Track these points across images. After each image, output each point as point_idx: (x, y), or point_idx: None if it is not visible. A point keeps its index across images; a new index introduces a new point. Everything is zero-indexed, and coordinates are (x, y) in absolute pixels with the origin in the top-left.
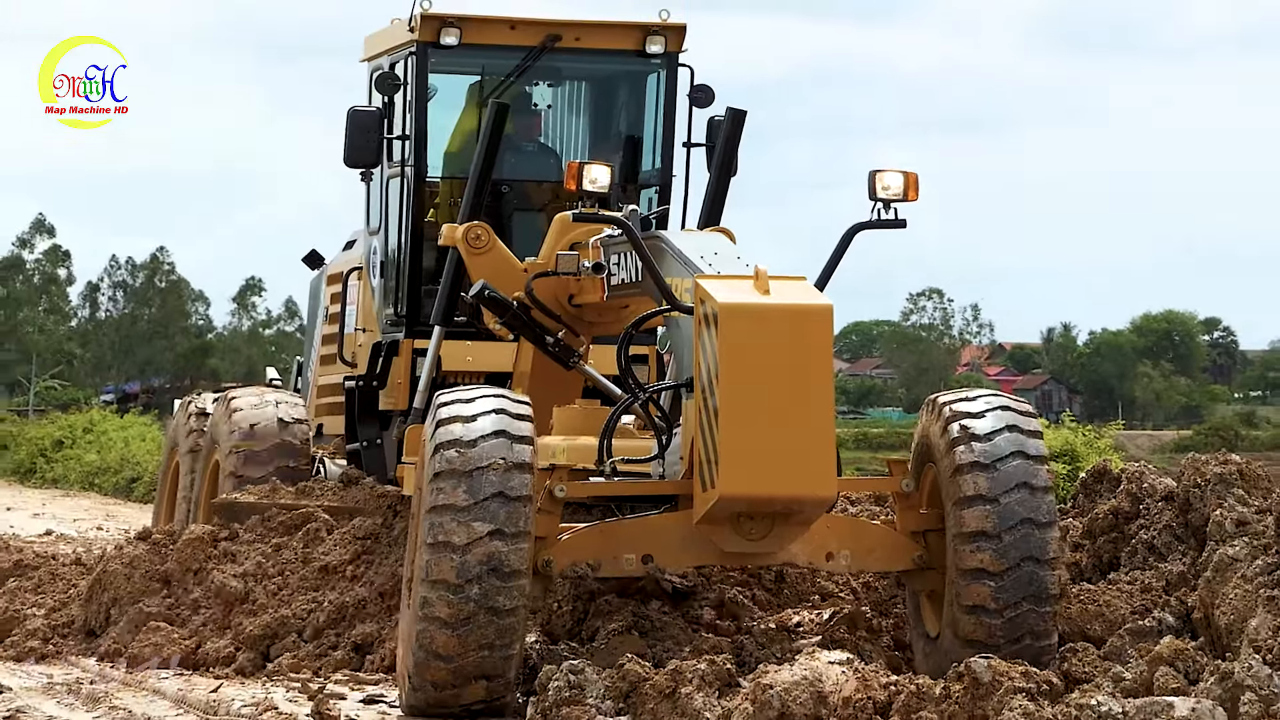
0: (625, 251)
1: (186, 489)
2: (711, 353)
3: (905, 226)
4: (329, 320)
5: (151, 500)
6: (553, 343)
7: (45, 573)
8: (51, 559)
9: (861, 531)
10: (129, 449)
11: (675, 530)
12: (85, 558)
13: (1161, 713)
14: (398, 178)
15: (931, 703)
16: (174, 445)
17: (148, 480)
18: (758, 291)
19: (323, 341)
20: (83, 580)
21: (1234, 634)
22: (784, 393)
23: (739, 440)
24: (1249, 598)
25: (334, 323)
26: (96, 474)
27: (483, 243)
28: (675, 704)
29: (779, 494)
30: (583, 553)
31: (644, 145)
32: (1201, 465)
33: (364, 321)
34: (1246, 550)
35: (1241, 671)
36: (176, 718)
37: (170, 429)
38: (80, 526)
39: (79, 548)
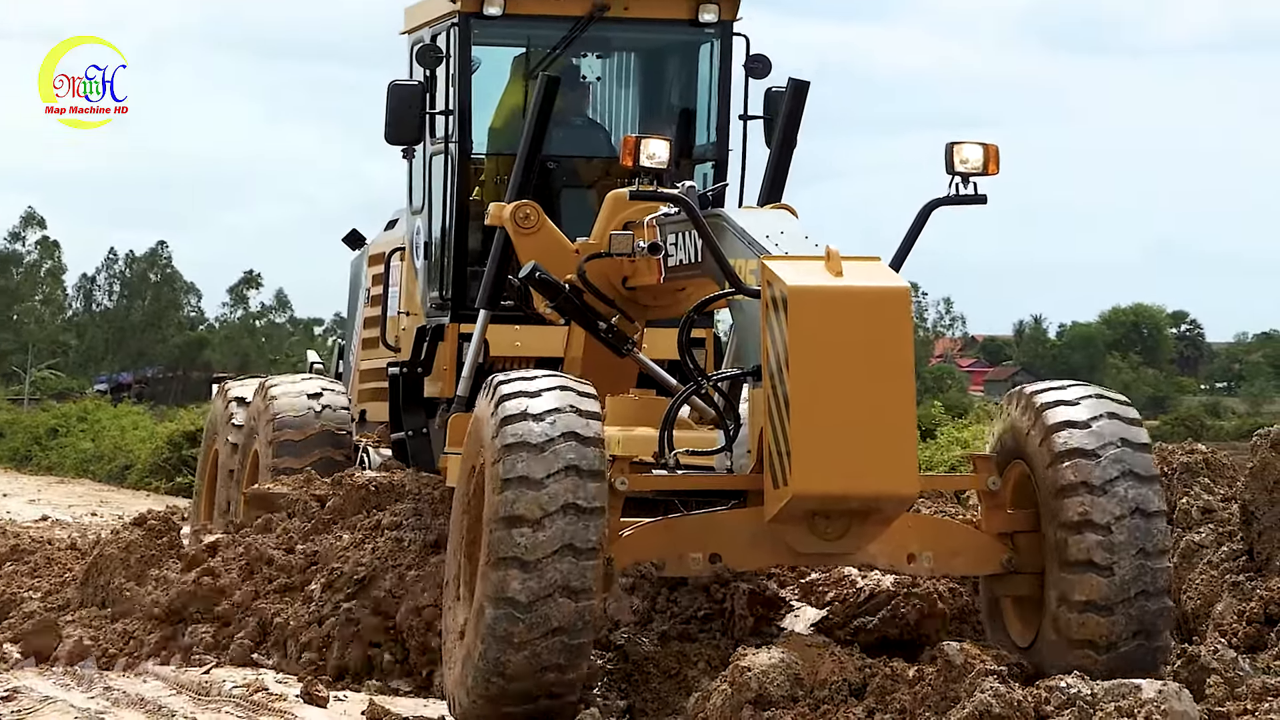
0: (683, 231)
1: (226, 479)
2: (781, 339)
3: (985, 202)
4: (371, 303)
5: (145, 487)
6: (606, 329)
7: (41, 557)
8: (47, 544)
9: (945, 532)
10: (122, 437)
11: (744, 528)
12: (80, 542)
13: (1129, 694)
14: (441, 155)
15: (905, 684)
16: (213, 434)
17: (140, 468)
18: (829, 273)
19: (364, 324)
20: (78, 564)
21: (1200, 618)
22: (861, 382)
23: (813, 434)
24: (1214, 583)
25: (376, 305)
26: (91, 461)
27: (532, 222)
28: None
29: (857, 492)
30: (646, 551)
31: (697, 119)
32: (1168, 454)
33: (407, 304)
34: (1212, 537)
35: (1207, 655)
36: (169, 698)
37: (208, 417)
38: (75, 512)
39: (74, 533)
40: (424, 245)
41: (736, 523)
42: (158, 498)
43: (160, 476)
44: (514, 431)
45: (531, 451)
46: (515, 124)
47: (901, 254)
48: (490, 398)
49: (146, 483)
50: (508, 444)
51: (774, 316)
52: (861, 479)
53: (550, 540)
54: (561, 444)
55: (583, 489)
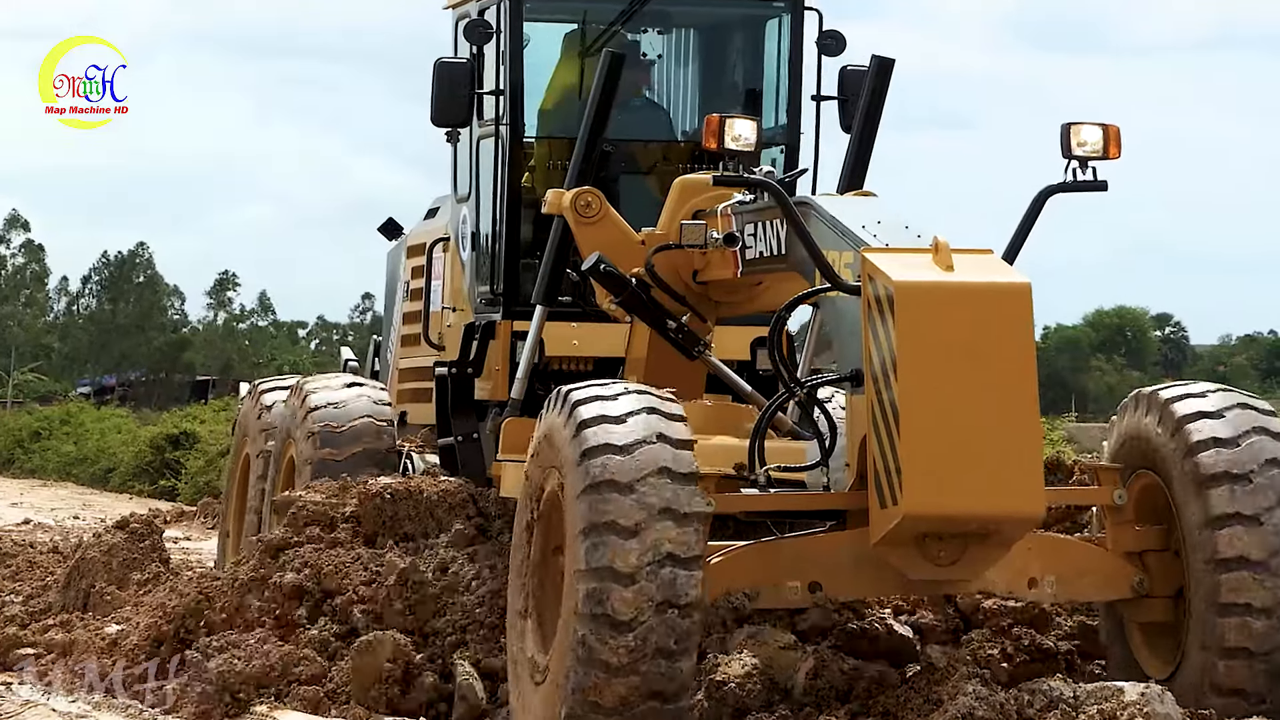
0: (763, 220)
1: (258, 484)
2: (886, 341)
3: (1105, 188)
4: (410, 297)
5: (128, 490)
6: (675, 328)
7: (23, 560)
8: (29, 547)
9: (1068, 553)
10: (105, 440)
11: (847, 553)
12: (62, 545)
13: (1111, 697)
14: (490, 138)
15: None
16: (243, 436)
17: (123, 471)
18: (939, 267)
19: (404, 320)
20: (60, 568)
21: None
22: (978, 389)
23: (926, 447)
24: None
25: (416, 300)
26: (73, 464)
27: (593, 210)
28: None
29: (977, 512)
30: (739, 579)
31: (765, 100)
32: None
33: (453, 299)
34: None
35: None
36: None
37: (238, 419)
38: (57, 515)
39: (56, 536)
40: (471, 236)
41: (838, 547)
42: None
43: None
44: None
45: (620, 454)
46: (568, 105)
47: (1015, 246)
48: (561, 407)
49: (129, 486)
50: (589, 448)
51: (877, 315)
52: (982, 498)
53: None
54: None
55: (680, 494)
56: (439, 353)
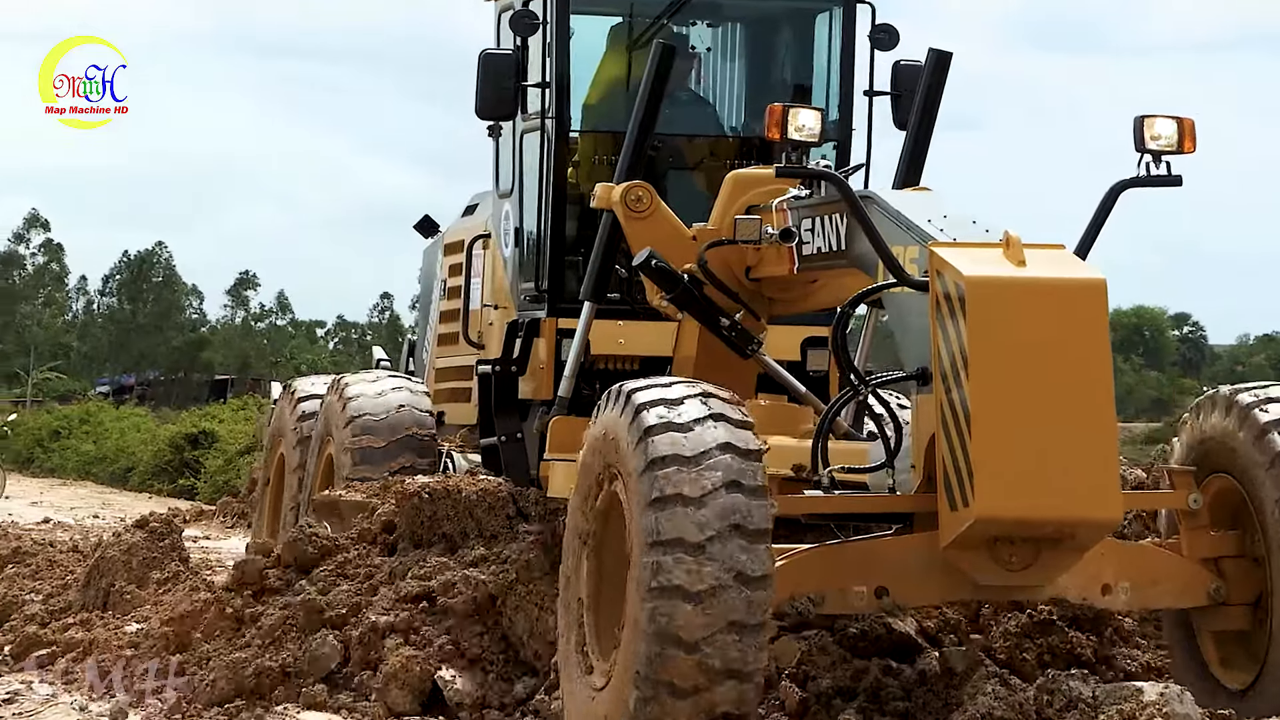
0: (821, 215)
1: (295, 486)
2: (956, 338)
3: (1180, 183)
4: (448, 295)
5: (147, 489)
6: (729, 325)
7: (43, 559)
8: (49, 546)
9: (1142, 559)
10: (124, 439)
11: (915, 557)
12: (82, 545)
13: (1130, 697)
14: (535, 132)
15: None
16: (278, 437)
17: (142, 470)
18: (1010, 263)
19: (441, 319)
20: (79, 567)
21: None
22: (1053, 388)
23: (999, 448)
24: None
25: (454, 298)
26: (92, 463)
27: (644, 205)
28: None
29: (1053, 516)
30: (803, 583)
31: (815, 94)
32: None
33: (494, 297)
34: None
35: None
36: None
37: (272, 418)
38: (77, 514)
39: (76, 535)
40: (515, 232)
41: (905, 551)
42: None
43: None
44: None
45: (686, 465)
46: (613, 99)
47: (1087, 241)
48: (622, 406)
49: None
50: (656, 458)
51: (946, 312)
52: (1058, 501)
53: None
54: (719, 456)
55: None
56: (479, 351)
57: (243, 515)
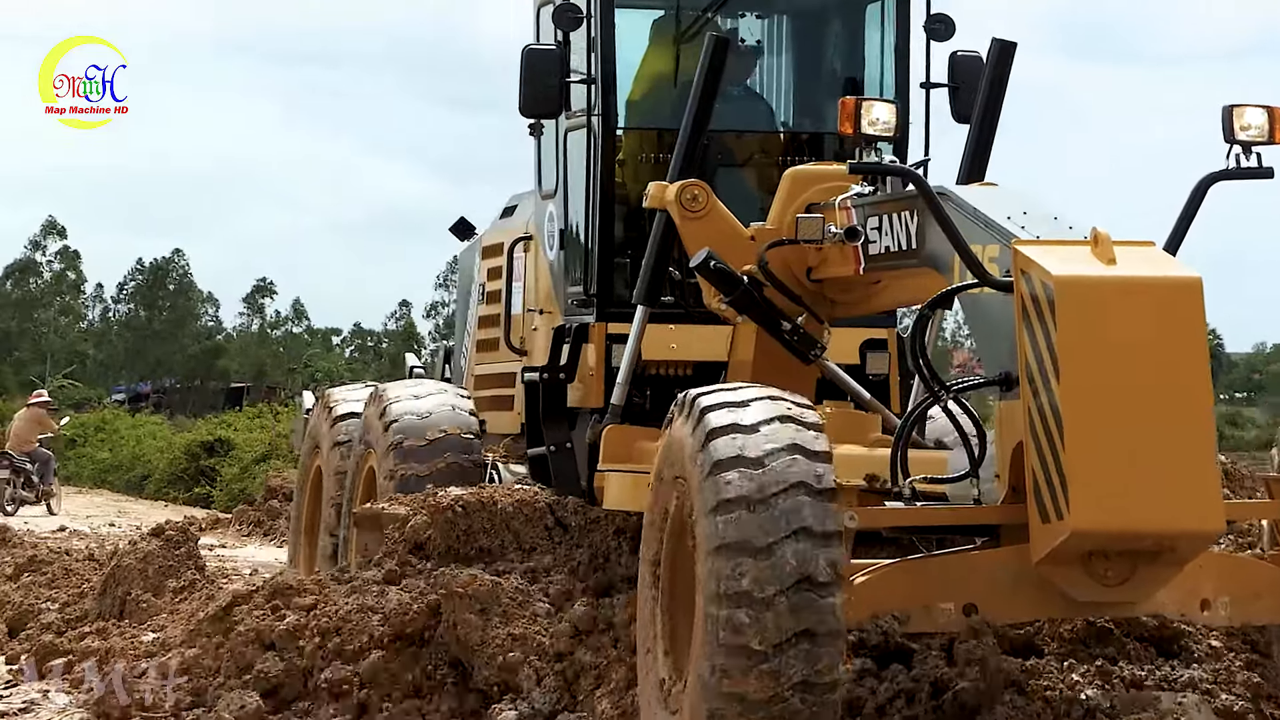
0: (889, 212)
1: (334, 497)
2: (1045, 341)
3: (1272, 175)
4: (487, 300)
5: (163, 497)
6: (791, 329)
7: (59, 568)
8: (65, 554)
9: (1242, 572)
10: (140, 447)
11: (1004, 572)
12: (98, 553)
13: (1149, 706)
14: (580, 130)
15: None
16: (314, 449)
17: (158, 478)
18: (1100, 261)
19: (480, 324)
20: (95, 575)
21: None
22: (1149, 392)
23: (1095, 457)
24: None
25: (494, 303)
26: (108, 471)
27: (700, 204)
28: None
29: (1152, 528)
30: (887, 601)
31: (867, 87)
32: None
33: (538, 301)
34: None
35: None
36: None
37: (307, 428)
38: (93, 522)
39: (92, 543)
40: (559, 234)
41: (994, 565)
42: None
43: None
44: (725, 446)
45: (750, 467)
46: (658, 95)
47: (1177, 238)
48: (688, 414)
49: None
50: (719, 460)
51: (1034, 314)
52: (1157, 512)
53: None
54: (786, 458)
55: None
56: (521, 358)
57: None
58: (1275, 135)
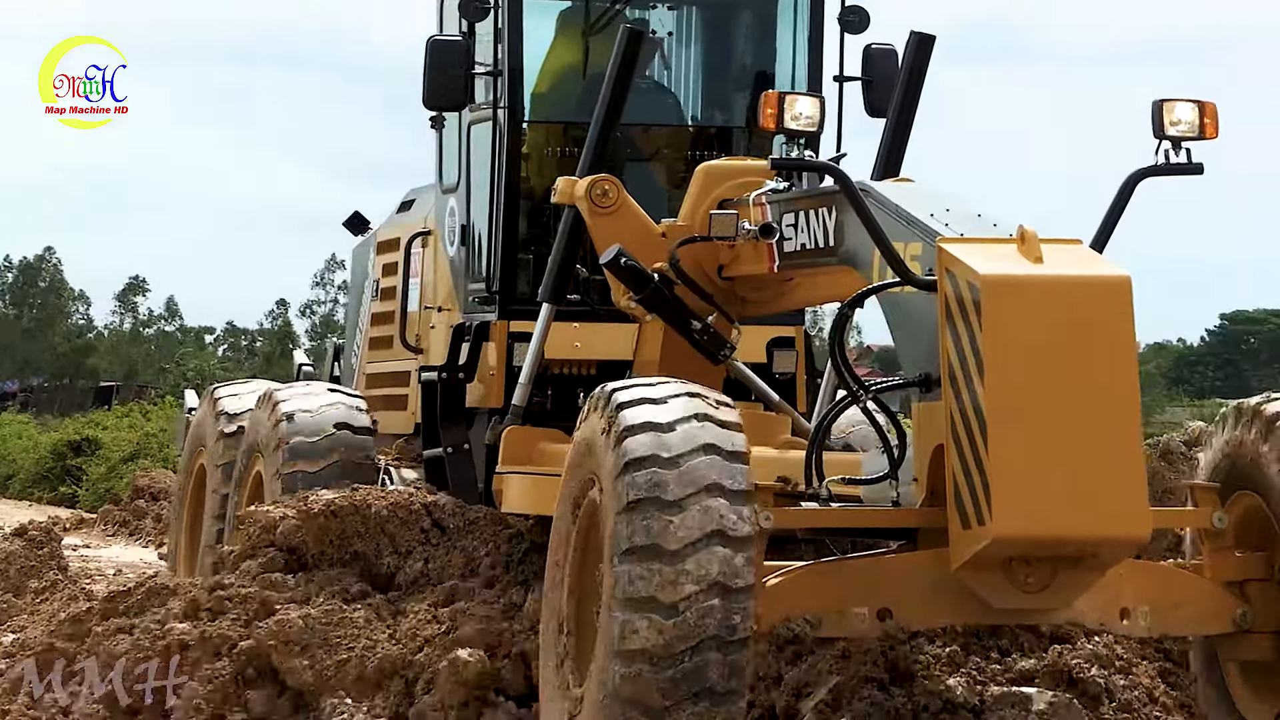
0: (805, 209)
1: (217, 501)
2: (969, 342)
3: (1201, 172)
4: (381, 296)
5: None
6: (701, 328)
7: None
8: None
9: (1164, 581)
10: (6, 446)
11: (921, 577)
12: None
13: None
14: (484, 123)
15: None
16: (198, 447)
17: (23, 477)
18: (1027, 259)
19: (373, 322)
20: None
21: None
22: (1076, 394)
23: (1018, 461)
24: None
25: (388, 299)
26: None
27: (611, 200)
28: None
29: (1078, 534)
30: (799, 604)
31: (778, 81)
32: None
33: (436, 298)
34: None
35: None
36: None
37: (190, 427)
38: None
39: None
40: (461, 229)
41: (911, 570)
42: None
43: (43, 486)
44: (639, 445)
45: (664, 467)
46: (565, 88)
47: (1104, 235)
48: (603, 409)
49: (29, 493)
50: (632, 459)
51: (958, 313)
52: (1083, 518)
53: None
54: (702, 458)
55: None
56: (416, 356)
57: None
58: (1206, 131)
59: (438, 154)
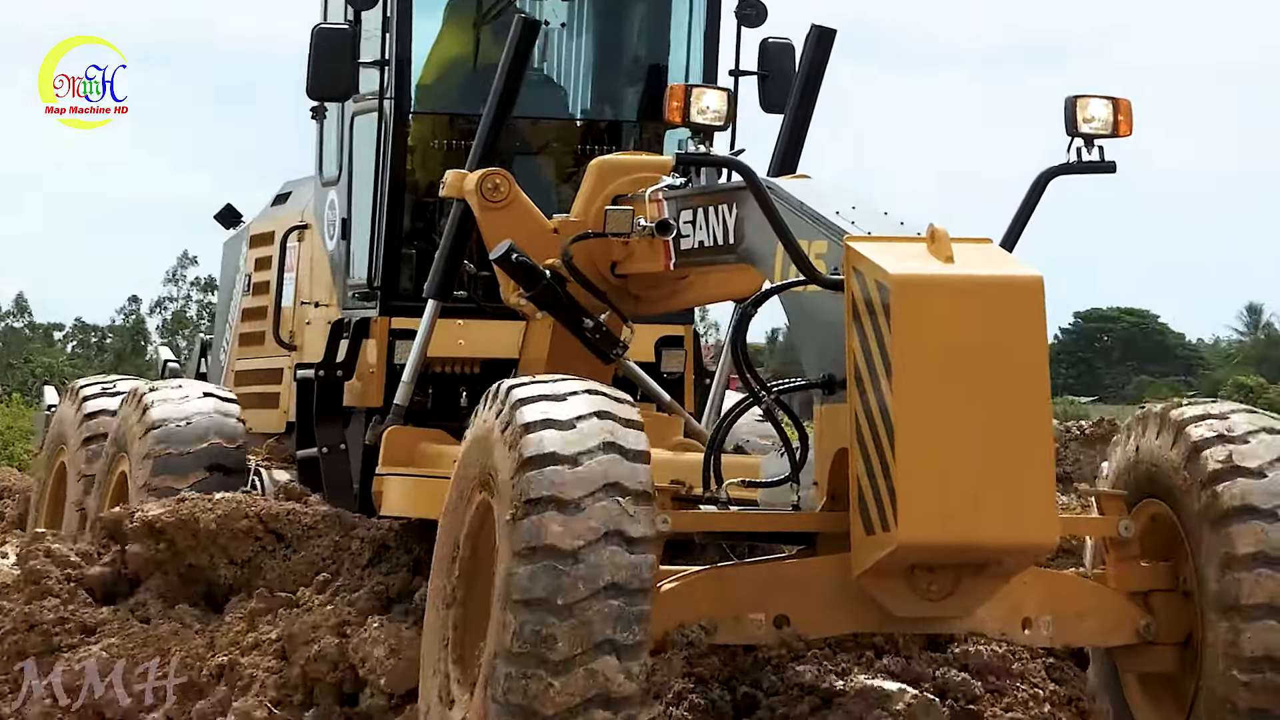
0: (703, 206)
1: (78, 502)
2: (876, 343)
3: (1114, 170)
4: (254, 291)
5: None
6: (593, 327)
7: None
8: None
9: (1066, 591)
10: None
11: (820, 583)
12: None
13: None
14: (368, 114)
15: None
16: (59, 445)
17: None
18: (937, 259)
19: (244, 317)
20: None
21: None
22: (986, 398)
23: (926, 466)
24: None
25: (259, 295)
26: None
27: (502, 194)
28: None
29: (984, 542)
30: (694, 609)
31: (671, 75)
32: None
33: (313, 294)
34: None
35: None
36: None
37: (51, 424)
38: None
39: None
40: (342, 223)
41: (810, 576)
42: None
43: None
44: (537, 442)
45: (562, 465)
46: (451, 79)
47: (1014, 234)
48: (500, 405)
49: None
50: (530, 457)
51: (865, 313)
52: (991, 524)
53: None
54: (601, 456)
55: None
56: (290, 353)
57: None
58: (1120, 128)
59: (318, 146)
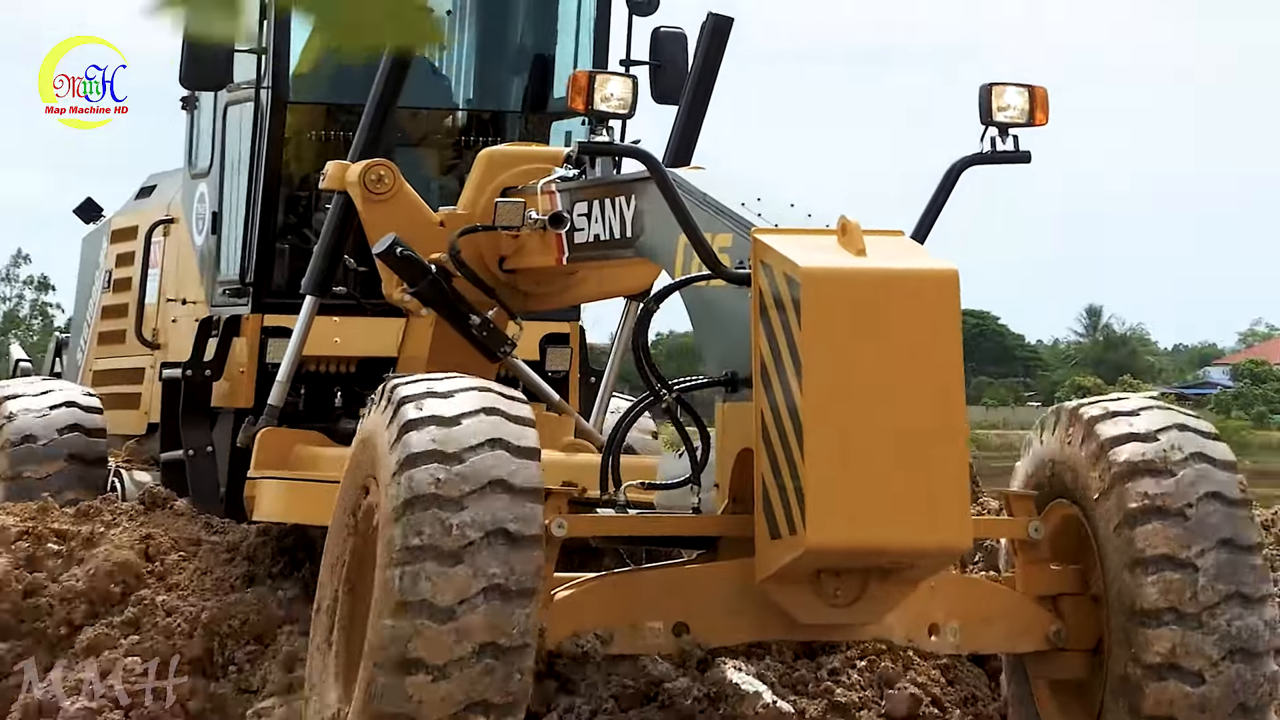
0: (598, 198)
1: None
2: (785, 339)
3: (1029, 160)
4: (114, 288)
5: None
6: (480, 324)
7: None
8: None
9: (974, 595)
10: None
11: (721, 589)
12: None
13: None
14: (242, 104)
15: None
16: None
17: None
18: (848, 251)
19: (104, 315)
20: None
21: None
22: (899, 396)
23: (835, 467)
24: None
25: (120, 291)
26: None
27: (386, 186)
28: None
29: (895, 545)
30: (589, 617)
31: (558, 64)
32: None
33: (179, 290)
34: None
35: None
36: None
37: None
38: None
39: None
40: (213, 217)
41: (711, 582)
42: None
43: None
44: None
45: (445, 462)
46: (327, 68)
47: (925, 225)
48: (385, 404)
49: None
50: (411, 455)
51: (773, 308)
52: (903, 527)
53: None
54: (486, 453)
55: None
56: (154, 352)
57: None
58: (1036, 117)
59: (188, 137)
